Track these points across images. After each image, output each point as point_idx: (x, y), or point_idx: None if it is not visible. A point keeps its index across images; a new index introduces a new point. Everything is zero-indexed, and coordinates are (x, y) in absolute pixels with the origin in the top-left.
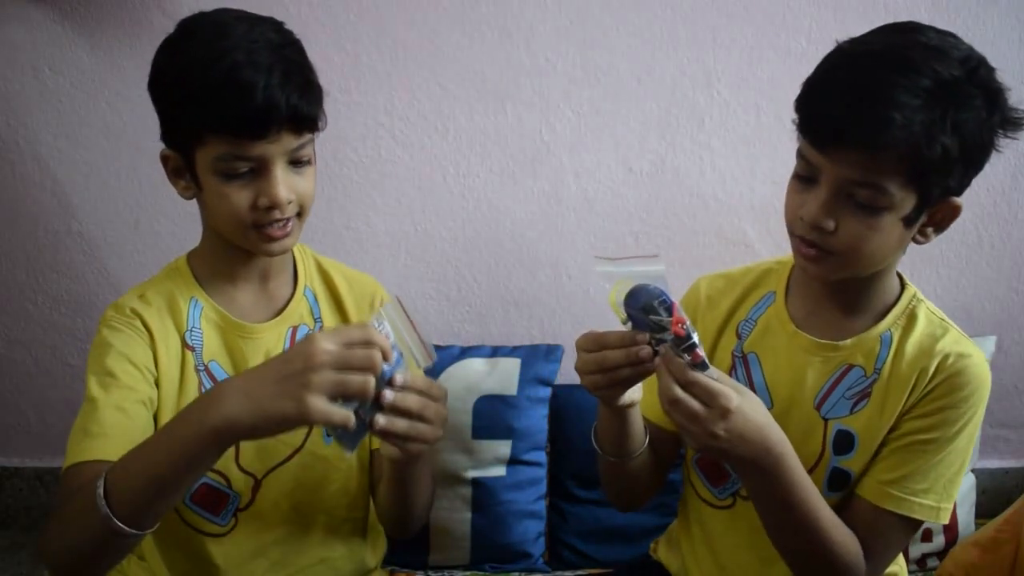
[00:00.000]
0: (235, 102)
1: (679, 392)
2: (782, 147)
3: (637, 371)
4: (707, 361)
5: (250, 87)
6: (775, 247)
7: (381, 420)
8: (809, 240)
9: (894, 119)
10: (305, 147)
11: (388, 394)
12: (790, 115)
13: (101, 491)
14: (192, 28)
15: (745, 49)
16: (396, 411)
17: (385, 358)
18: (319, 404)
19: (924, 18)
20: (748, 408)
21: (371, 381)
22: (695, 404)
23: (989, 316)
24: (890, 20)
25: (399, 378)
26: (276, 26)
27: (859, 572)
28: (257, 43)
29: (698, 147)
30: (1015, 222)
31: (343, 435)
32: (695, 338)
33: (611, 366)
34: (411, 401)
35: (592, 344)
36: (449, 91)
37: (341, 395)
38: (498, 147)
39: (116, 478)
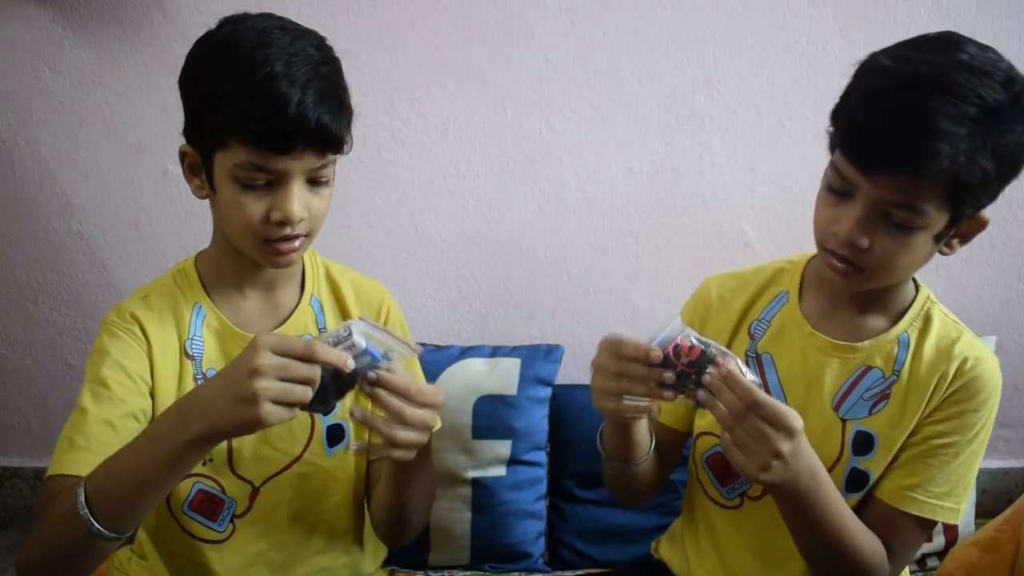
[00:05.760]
0: (266, 113)
1: (746, 411)
2: (782, 147)
3: (652, 392)
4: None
5: (283, 100)
6: (775, 247)
7: (356, 412)
8: (841, 255)
9: (941, 149)
10: (326, 167)
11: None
12: (790, 115)
13: (82, 497)
14: (234, 30)
15: (745, 49)
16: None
17: (340, 370)
18: (271, 409)
19: (924, 17)
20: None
21: (310, 392)
22: (762, 423)
23: (989, 316)
24: (890, 20)
25: (372, 375)
26: (318, 42)
27: (884, 574)
28: (297, 57)
29: (698, 147)
30: (1015, 222)
31: (315, 408)
32: (710, 349)
33: (631, 375)
34: (390, 403)
35: (619, 350)
36: (449, 91)
37: (284, 403)
38: (498, 147)
39: (96, 482)
